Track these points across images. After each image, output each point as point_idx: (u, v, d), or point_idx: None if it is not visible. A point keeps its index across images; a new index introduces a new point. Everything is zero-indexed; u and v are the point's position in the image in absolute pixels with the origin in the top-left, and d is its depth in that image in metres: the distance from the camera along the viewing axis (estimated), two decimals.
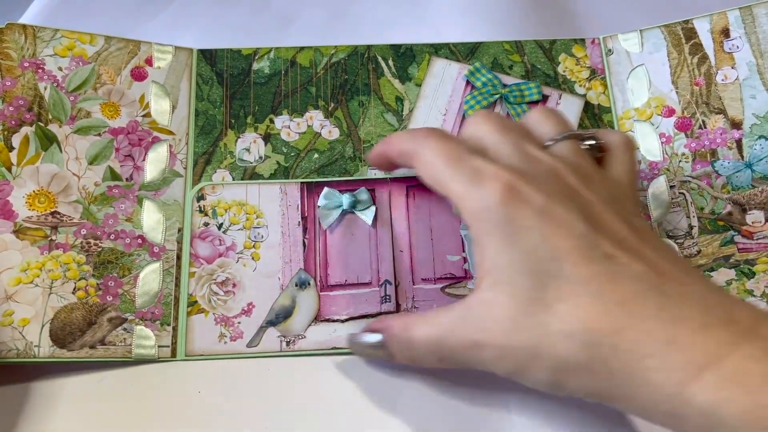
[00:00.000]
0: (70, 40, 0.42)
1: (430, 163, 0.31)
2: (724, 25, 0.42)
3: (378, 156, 0.36)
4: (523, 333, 0.28)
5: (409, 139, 0.33)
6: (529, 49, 0.46)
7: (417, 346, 0.32)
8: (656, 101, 0.43)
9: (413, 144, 0.33)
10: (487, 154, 0.31)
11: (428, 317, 0.32)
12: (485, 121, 0.33)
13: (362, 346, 0.35)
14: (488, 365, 0.30)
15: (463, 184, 0.30)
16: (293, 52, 0.45)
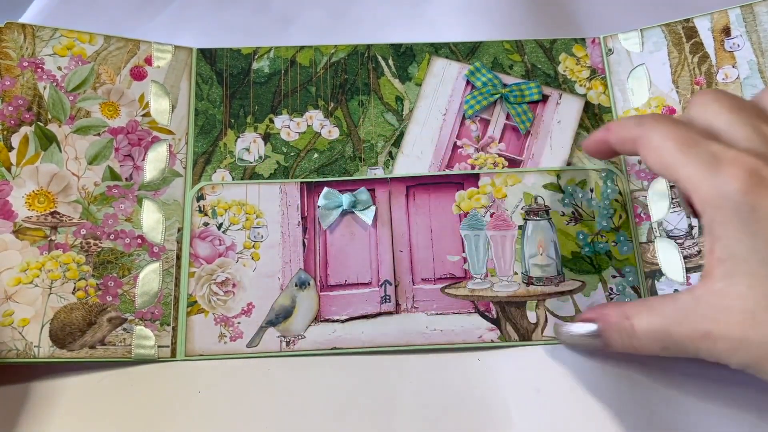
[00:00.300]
0: (69, 40, 0.42)
1: (659, 147, 0.30)
2: (724, 23, 0.42)
3: (597, 143, 0.36)
4: (763, 327, 0.27)
5: (634, 124, 0.33)
6: (530, 48, 0.46)
7: (639, 335, 0.31)
8: (657, 101, 0.42)
9: (639, 129, 0.32)
10: (721, 137, 0.30)
11: (650, 305, 0.31)
12: (715, 101, 0.31)
13: (574, 336, 0.35)
14: (720, 357, 0.29)
15: (697, 169, 0.29)
16: (293, 51, 0.45)
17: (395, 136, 0.43)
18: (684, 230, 0.39)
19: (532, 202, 0.41)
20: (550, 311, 0.38)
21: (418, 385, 0.36)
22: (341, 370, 0.37)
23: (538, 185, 0.41)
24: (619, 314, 0.32)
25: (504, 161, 0.42)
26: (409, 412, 0.36)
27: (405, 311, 0.39)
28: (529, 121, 0.43)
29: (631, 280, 0.39)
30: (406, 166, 0.42)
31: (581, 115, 0.44)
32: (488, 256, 0.40)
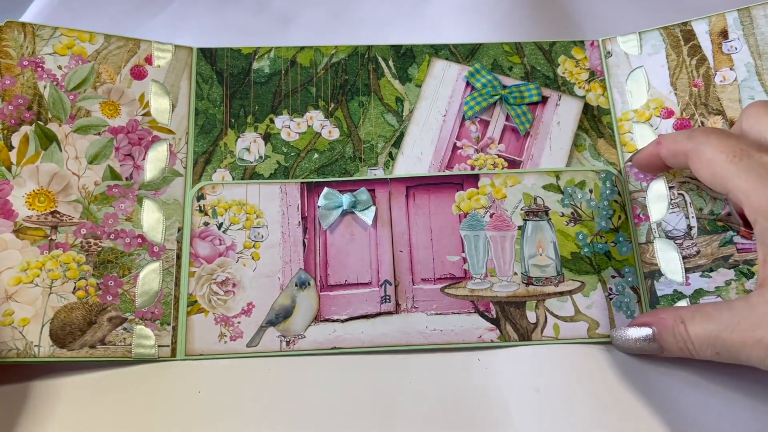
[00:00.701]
0: (69, 39, 0.42)
1: (711, 159, 0.31)
2: (722, 26, 0.42)
3: (648, 157, 0.36)
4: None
5: (686, 137, 0.33)
6: (529, 50, 0.46)
7: (694, 339, 0.32)
8: (655, 103, 0.43)
9: (691, 142, 0.33)
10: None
11: (705, 311, 0.32)
12: (767, 113, 0.32)
13: (630, 341, 0.35)
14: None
15: (749, 180, 0.29)
16: (293, 51, 0.45)
17: (395, 137, 0.43)
18: (683, 231, 0.39)
19: (531, 203, 0.41)
20: (549, 311, 0.39)
21: (418, 385, 0.37)
22: (341, 370, 0.37)
23: (538, 186, 0.41)
24: (674, 318, 0.33)
25: (504, 162, 0.43)
26: (409, 412, 0.36)
27: (405, 311, 0.39)
28: (528, 122, 0.43)
29: (631, 281, 0.39)
30: (406, 166, 0.42)
31: (580, 116, 0.44)
32: (488, 257, 0.40)
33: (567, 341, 0.38)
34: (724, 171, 0.30)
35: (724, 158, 0.31)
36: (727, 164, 0.30)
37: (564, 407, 0.35)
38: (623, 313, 0.38)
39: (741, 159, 0.30)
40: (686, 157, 0.33)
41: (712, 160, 0.31)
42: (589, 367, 0.37)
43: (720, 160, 0.31)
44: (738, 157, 0.30)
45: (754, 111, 0.33)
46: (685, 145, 0.33)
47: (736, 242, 0.38)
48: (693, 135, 0.33)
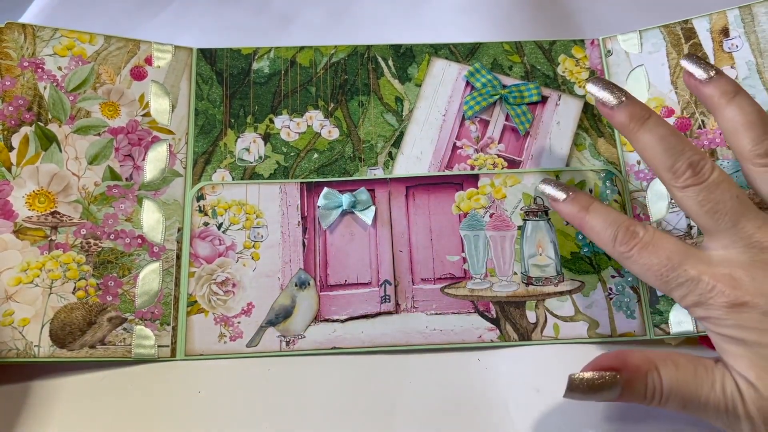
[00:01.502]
0: (69, 40, 0.42)
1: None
2: (723, 24, 0.42)
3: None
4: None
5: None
6: (529, 49, 0.46)
7: (666, 389, 0.31)
8: (656, 101, 0.43)
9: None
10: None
11: (675, 360, 0.31)
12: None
13: (587, 384, 0.31)
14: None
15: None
16: (293, 51, 0.45)
17: (395, 137, 0.43)
18: (683, 230, 0.39)
19: (531, 203, 0.41)
20: (549, 311, 0.38)
21: (418, 385, 0.37)
22: (341, 370, 0.37)
23: (538, 186, 0.41)
24: (648, 363, 0.31)
25: (503, 162, 0.42)
26: (409, 412, 0.36)
27: (405, 311, 0.39)
28: (528, 122, 0.43)
29: (630, 280, 0.39)
30: (405, 166, 0.42)
31: (580, 115, 0.44)
32: (488, 256, 0.40)
33: (567, 341, 0.38)
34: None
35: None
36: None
37: (563, 407, 0.35)
38: (623, 312, 0.38)
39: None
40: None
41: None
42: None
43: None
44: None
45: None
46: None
47: None
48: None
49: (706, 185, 0.31)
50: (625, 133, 0.34)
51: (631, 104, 0.33)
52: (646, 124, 0.32)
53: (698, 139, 0.41)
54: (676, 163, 0.31)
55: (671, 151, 0.31)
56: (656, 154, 0.32)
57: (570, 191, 0.35)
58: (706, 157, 0.31)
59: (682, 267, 0.30)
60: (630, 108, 0.33)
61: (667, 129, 0.32)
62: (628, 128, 0.33)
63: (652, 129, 0.32)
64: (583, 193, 0.35)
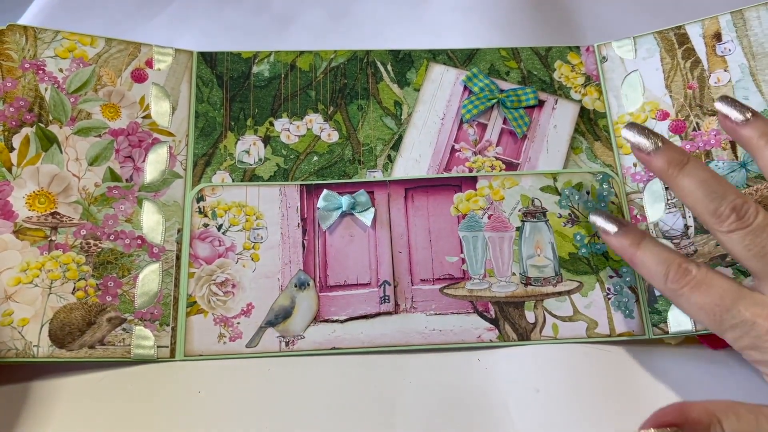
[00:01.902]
0: (70, 42, 0.42)
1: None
2: (715, 29, 0.43)
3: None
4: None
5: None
6: (526, 55, 0.46)
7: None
8: (650, 105, 0.43)
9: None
10: None
11: (738, 412, 0.30)
12: None
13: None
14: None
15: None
16: (293, 56, 0.46)
17: (394, 140, 0.43)
18: (680, 230, 0.40)
19: (529, 204, 0.41)
20: (548, 311, 0.39)
21: (418, 385, 0.37)
22: (341, 370, 0.37)
23: (535, 188, 0.42)
24: (708, 417, 0.29)
25: (501, 164, 0.43)
26: (409, 412, 0.36)
27: (404, 311, 0.39)
28: (525, 125, 0.44)
29: (629, 281, 0.39)
30: (404, 169, 0.43)
31: (577, 119, 0.44)
32: (486, 257, 0.40)
33: (566, 341, 0.38)
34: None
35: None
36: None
37: (564, 407, 0.35)
38: (621, 312, 0.39)
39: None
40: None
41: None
42: (588, 366, 0.37)
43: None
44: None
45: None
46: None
47: None
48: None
49: (752, 229, 0.31)
50: (665, 178, 0.33)
51: (668, 149, 0.33)
52: (685, 168, 0.32)
53: (693, 141, 0.41)
54: (720, 208, 0.31)
55: (713, 195, 0.32)
56: (698, 198, 0.32)
57: (621, 224, 0.35)
58: (749, 201, 0.31)
59: (735, 308, 0.30)
60: (668, 153, 0.33)
61: (708, 172, 0.32)
62: (666, 173, 0.33)
63: (692, 173, 0.32)
64: (634, 226, 0.35)
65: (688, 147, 0.41)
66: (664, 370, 0.37)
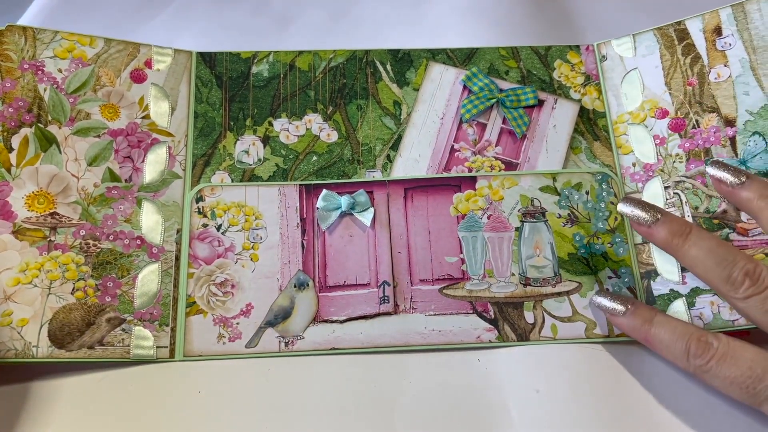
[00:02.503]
0: (69, 42, 0.42)
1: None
2: (716, 23, 0.43)
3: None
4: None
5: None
6: (525, 55, 0.46)
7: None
8: (650, 103, 0.43)
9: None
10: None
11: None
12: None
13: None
14: None
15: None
16: (292, 56, 0.45)
17: (393, 140, 0.43)
18: None
19: (528, 205, 0.41)
20: (547, 312, 0.39)
21: (418, 385, 0.37)
22: (340, 370, 0.37)
23: (535, 188, 0.42)
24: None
25: (500, 164, 0.43)
26: (409, 412, 0.36)
27: (403, 312, 0.39)
28: (525, 125, 0.44)
29: (627, 281, 0.39)
30: (404, 168, 0.42)
31: (576, 119, 0.44)
32: (486, 258, 0.40)
33: (565, 341, 0.38)
34: None
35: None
36: None
37: (563, 407, 0.35)
38: None
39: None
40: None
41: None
42: (587, 366, 0.37)
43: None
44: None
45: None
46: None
47: (732, 239, 0.38)
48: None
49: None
50: (670, 250, 0.33)
51: (669, 220, 0.33)
52: (690, 238, 0.32)
53: (692, 138, 0.41)
54: (732, 274, 0.31)
55: (724, 263, 0.31)
56: (708, 268, 0.32)
57: (629, 303, 0.34)
58: (760, 264, 0.31)
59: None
60: (669, 224, 0.33)
61: (713, 240, 0.32)
62: (671, 245, 0.33)
63: (698, 243, 0.32)
64: (642, 304, 0.35)
65: (687, 145, 0.41)
66: (662, 371, 0.37)
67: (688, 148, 0.41)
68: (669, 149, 0.42)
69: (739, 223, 0.39)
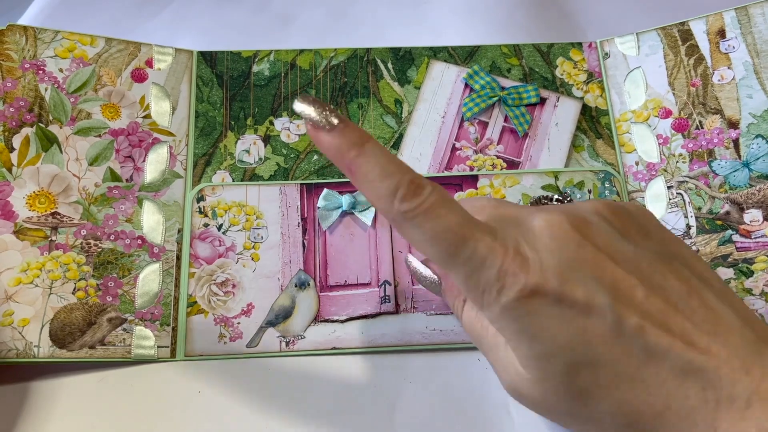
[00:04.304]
0: (70, 42, 0.42)
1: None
2: (720, 26, 0.42)
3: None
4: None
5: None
6: (527, 52, 0.46)
7: (464, 320, 0.31)
8: (653, 103, 0.43)
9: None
10: None
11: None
12: None
13: (417, 274, 0.35)
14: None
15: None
16: (293, 54, 0.45)
17: (394, 139, 0.43)
18: (682, 230, 0.39)
19: (530, 204, 0.41)
20: None
21: (418, 385, 0.37)
22: (341, 370, 0.37)
23: (537, 186, 0.41)
24: (458, 293, 0.31)
25: (502, 163, 0.43)
26: (409, 412, 0.36)
27: (404, 311, 0.39)
28: (527, 123, 0.43)
29: None
30: None
31: (579, 117, 0.44)
32: None
33: None
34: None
35: None
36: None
37: None
38: None
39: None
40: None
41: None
42: None
43: None
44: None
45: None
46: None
47: (735, 241, 0.38)
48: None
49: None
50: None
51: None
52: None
53: (696, 139, 0.41)
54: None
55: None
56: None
57: (340, 119, 0.25)
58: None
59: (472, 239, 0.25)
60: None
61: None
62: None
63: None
64: (355, 125, 0.26)
65: (690, 146, 0.41)
66: None
67: (691, 149, 0.41)
68: (672, 149, 0.41)
69: (741, 224, 0.38)
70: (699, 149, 0.41)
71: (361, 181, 0.26)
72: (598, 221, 0.26)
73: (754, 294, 0.37)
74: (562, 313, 0.24)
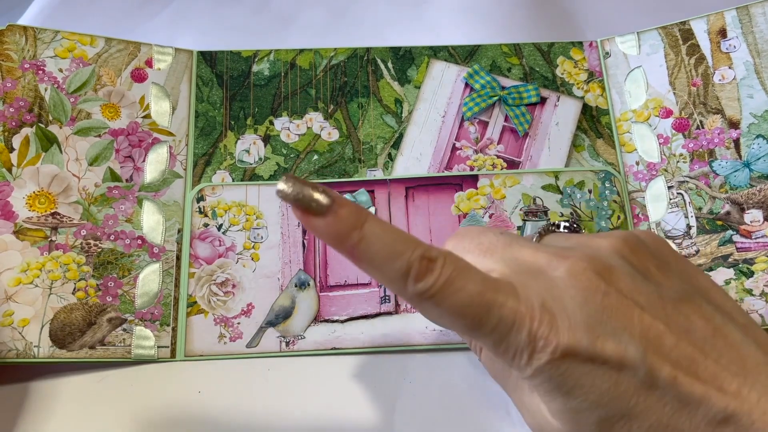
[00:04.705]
0: (70, 42, 0.42)
1: None
2: (721, 25, 0.42)
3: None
4: None
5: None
6: (528, 51, 0.46)
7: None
8: (654, 102, 0.43)
9: None
10: None
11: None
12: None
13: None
14: None
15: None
16: (293, 54, 0.45)
17: (394, 138, 0.43)
18: (682, 230, 0.39)
19: (530, 203, 0.41)
20: None
21: (418, 385, 0.37)
22: (341, 370, 0.37)
23: (537, 186, 0.41)
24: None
25: (503, 163, 0.43)
26: (409, 412, 0.36)
27: (404, 311, 0.39)
28: (527, 123, 0.43)
29: None
30: (405, 167, 0.42)
31: (579, 117, 0.44)
32: None
33: None
34: None
35: None
36: None
37: None
38: None
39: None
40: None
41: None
42: None
43: None
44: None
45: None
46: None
47: (735, 241, 0.38)
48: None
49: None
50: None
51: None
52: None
53: (696, 139, 0.41)
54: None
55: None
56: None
57: (332, 198, 0.23)
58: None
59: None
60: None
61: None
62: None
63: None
64: (348, 200, 0.23)
65: (691, 145, 0.41)
66: None
67: (692, 149, 0.41)
68: (673, 149, 0.41)
69: (742, 225, 0.38)
70: (699, 149, 0.41)
71: (367, 266, 0.24)
72: (620, 264, 0.26)
73: (754, 294, 0.37)
74: (594, 369, 0.24)
